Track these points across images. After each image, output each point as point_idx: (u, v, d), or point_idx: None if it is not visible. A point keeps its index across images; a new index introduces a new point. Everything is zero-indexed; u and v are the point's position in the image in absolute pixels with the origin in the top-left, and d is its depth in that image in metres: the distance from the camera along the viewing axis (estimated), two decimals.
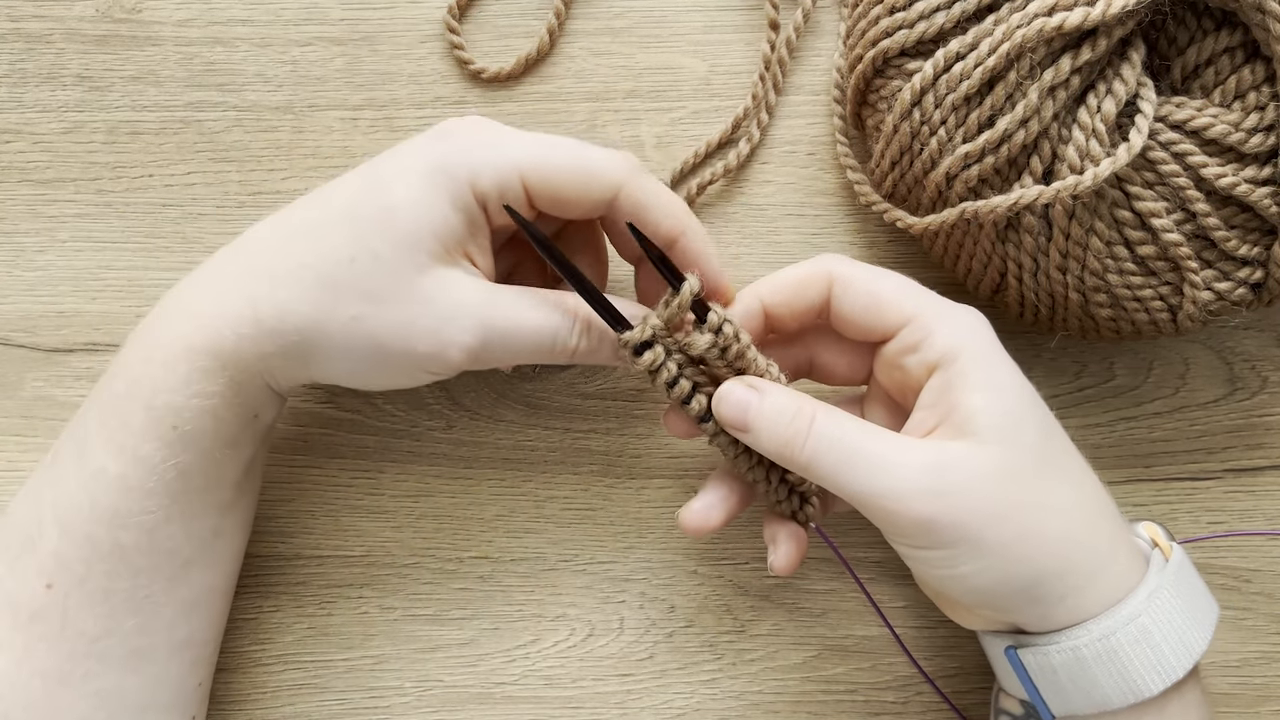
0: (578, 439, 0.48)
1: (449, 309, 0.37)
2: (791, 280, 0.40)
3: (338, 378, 0.39)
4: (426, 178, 0.37)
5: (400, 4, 0.50)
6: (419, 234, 0.37)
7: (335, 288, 0.37)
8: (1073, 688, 0.37)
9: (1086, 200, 0.40)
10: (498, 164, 0.38)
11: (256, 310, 0.37)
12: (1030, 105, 0.40)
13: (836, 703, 0.47)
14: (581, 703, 0.47)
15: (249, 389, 0.38)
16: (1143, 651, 0.36)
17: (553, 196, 0.38)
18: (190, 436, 0.38)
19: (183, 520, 0.39)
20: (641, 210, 0.39)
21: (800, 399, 0.37)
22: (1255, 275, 0.42)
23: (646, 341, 0.38)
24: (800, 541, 0.41)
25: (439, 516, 0.47)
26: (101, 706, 0.38)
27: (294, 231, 0.39)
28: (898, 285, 0.39)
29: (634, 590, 0.47)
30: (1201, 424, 0.48)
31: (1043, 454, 0.37)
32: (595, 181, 0.38)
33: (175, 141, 0.49)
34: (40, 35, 0.49)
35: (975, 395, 0.36)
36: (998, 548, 0.35)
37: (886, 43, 0.43)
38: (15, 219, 0.49)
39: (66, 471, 0.38)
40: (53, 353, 0.48)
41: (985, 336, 0.38)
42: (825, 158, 0.50)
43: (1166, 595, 0.36)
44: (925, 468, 0.35)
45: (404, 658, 0.47)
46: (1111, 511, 0.38)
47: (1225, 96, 0.41)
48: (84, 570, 0.38)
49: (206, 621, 0.42)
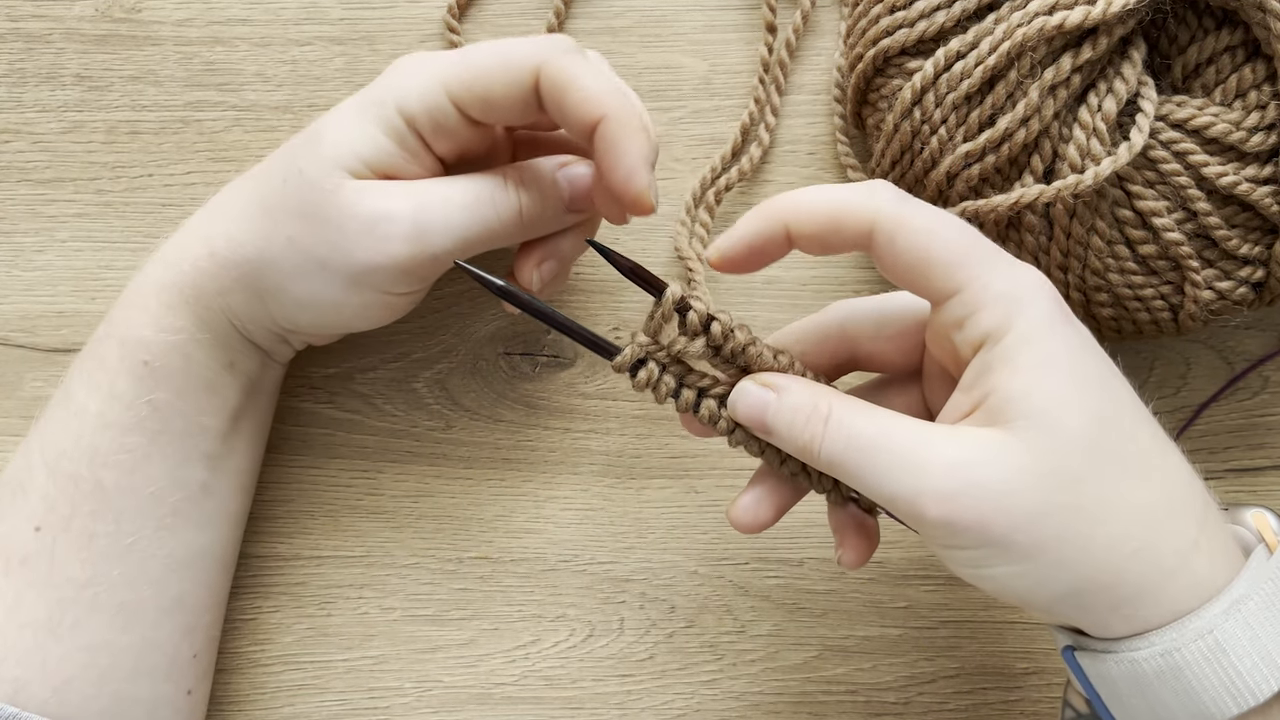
0: (578, 439, 0.48)
1: (377, 211, 0.37)
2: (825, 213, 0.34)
3: (299, 315, 0.40)
4: (355, 108, 0.38)
5: (400, 3, 0.50)
6: (340, 152, 0.38)
7: (272, 212, 0.38)
8: (1135, 700, 0.33)
9: (1088, 199, 0.40)
10: (421, 85, 0.38)
11: (211, 245, 0.39)
12: (1031, 104, 0.40)
13: (837, 703, 0.47)
14: (581, 703, 0.46)
15: (216, 329, 0.40)
16: (1214, 670, 0.31)
17: (478, 99, 0.37)
18: (161, 373, 0.39)
19: (164, 463, 0.39)
20: (559, 92, 0.36)
21: (817, 393, 0.34)
22: (1256, 274, 0.42)
23: (640, 360, 0.37)
24: (868, 532, 0.37)
25: (439, 516, 0.47)
26: (92, 664, 0.38)
27: (247, 176, 0.41)
28: (953, 242, 0.33)
29: (634, 590, 0.47)
30: (1203, 424, 0.48)
31: (1096, 446, 0.32)
32: (512, 69, 0.37)
33: (175, 141, 0.49)
34: (39, 35, 0.49)
35: (1016, 378, 0.32)
36: (1029, 552, 0.31)
37: (887, 41, 0.43)
38: (14, 219, 0.49)
39: (53, 416, 0.40)
40: (52, 353, 0.48)
41: (1042, 308, 0.32)
42: (826, 157, 0.50)
43: (1254, 606, 0.32)
44: (946, 464, 0.32)
45: (404, 658, 0.46)
46: (1192, 508, 0.33)
47: (1226, 95, 0.41)
48: (69, 511, 0.38)
49: (200, 587, 0.42)
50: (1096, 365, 0.33)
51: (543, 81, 0.37)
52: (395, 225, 0.37)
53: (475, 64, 0.38)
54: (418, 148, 0.39)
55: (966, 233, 0.33)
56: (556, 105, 0.37)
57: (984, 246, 0.33)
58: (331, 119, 0.39)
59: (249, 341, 0.41)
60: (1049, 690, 0.46)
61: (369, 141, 0.38)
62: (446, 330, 0.48)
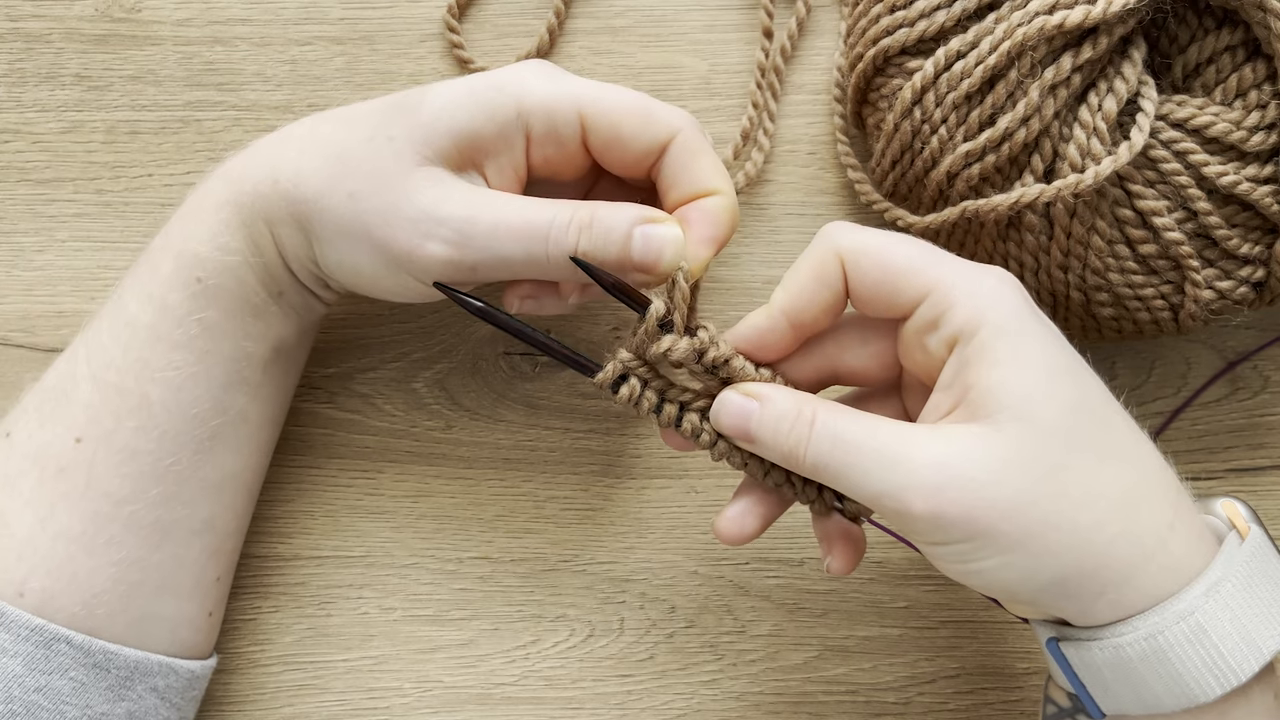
0: (578, 439, 0.48)
1: (431, 204, 0.37)
2: (805, 276, 0.36)
3: (338, 269, 0.40)
4: (472, 87, 0.38)
5: (400, 3, 0.50)
6: (435, 128, 0.37)
7: (346, 162, 0.38)
8: (1120, 686, 0.34)
9: (1088, 199, 0.40)
10: (551, 90, 0.38)
11: (277, 172, 0.39)
12: (1031, 103, 0.40)
13: (837, 703, 0.47)
14: (581, 703, 0.46)
15: (267, 255, 0.40)
16: (1197, 652, 0.32)
17: (611, 130, 0.38)
18: (213, 292, 0.39)
19: (209, 385, 0.40)
20: (695, 155, 0.39)
21: (800, 399, 0.35)
22: (1257, 274, 0.42)
23: (622, 376, 0.37)
24: (854, 538, 0.38)
25: (439, 516, 0.47)
26: (121, 579, 0.39)
27: (332, 116, 0.41)
28: (911, 253, 0.35)
29: (634, 590, 0.47)
30: (1203, 424, 0.48)
31: (1073, 434, 0.33)
32: (655, 121, 0.39)
33: (174, 141, 0.49)
34: (39, 35, 0.49)
35: (992, 371, 0.33)
36: (1015, 542, 0.32)
37: (887, 41, 0.43)
38: (14, 219, 0.49)
39: (102, 325, 0.40)
40: (51, 353, 0.48)
41: (1012, 303, 0.34)
42: (826, 157, 0.50)
43: (1231, 588, 0.32)
44: (930, 459, 0.32)
45: (404, 658, 0.46)
46: (1167, 493, 0.34)
47: (1226, 95, 0.41)
48: (112, 424, 0.39)
49: (228, 510, 0.42)
50: (1066, 357, 0.34)
51: (680, 142, 0.39)
52: (440, 228, 0.37)
53: (618, 100, 0.39)
54: (516, 145, 0.39)
55: (922, 244, 0.35)
56: (680, 164, 0.39)
57: (943, 253, 0.35)
58: (440, 88, 0.38)
59: (295, 278, 0.41)
60: None
61: (468, 123, 0.38)
62: (446, 330, 0.48)
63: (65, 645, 0.37)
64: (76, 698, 0.38)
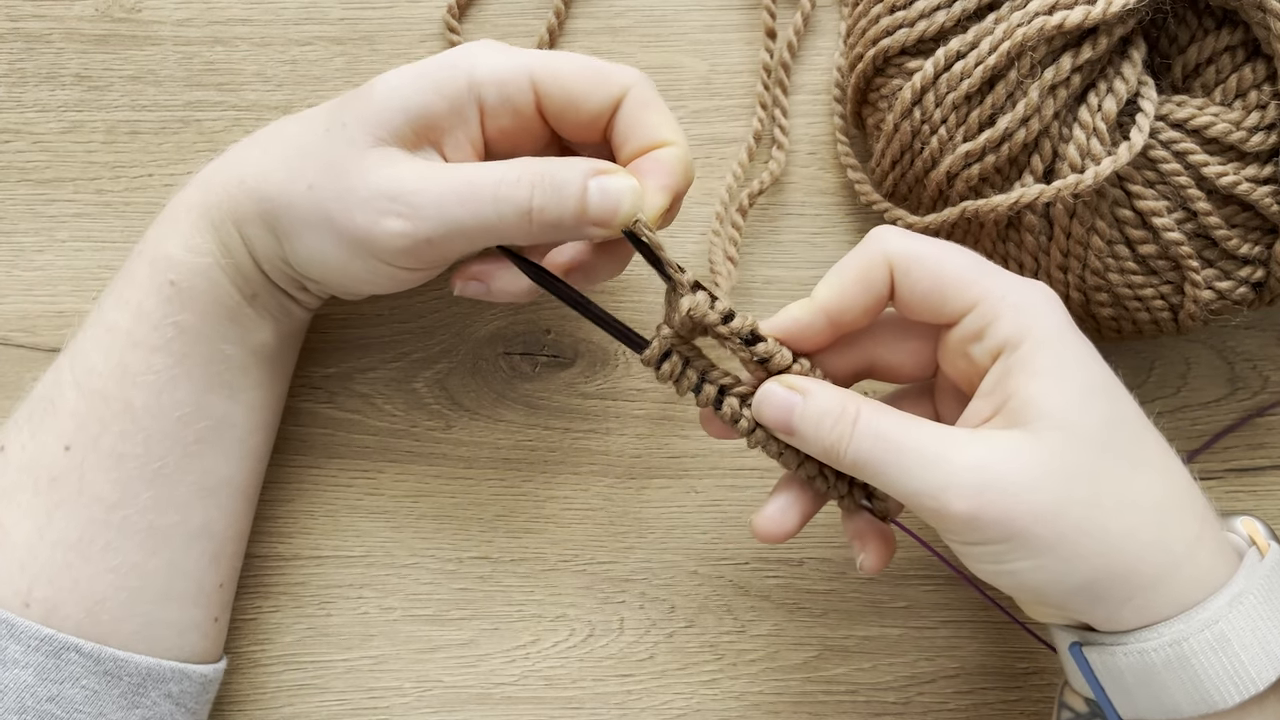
0: (578, 439, 0.48)
1: (384, 182, 0.37)
2: (850, 278, 0.36)
3: (308, 265, 0.39)
4: (422, 67, 0.38)
5: (400, 3, 0.50)
6: (387, 108, 0.38)
7: (306, 155, 0.39)
8: (1141, 692, 0.34)
9: (1088, 199, 0.40)
10: (500, 63, 0.38)
11: (243, 172, 0.40)
12: (1031, 104, 0.40)
13: (837, 703, 0.47)
14: (581, 703, 0.46)
15: (238, 256, 0.40)
16: (1219, 660, 0.33)
17: (563, 92, 0.38)
18: (187, 294, 0.39)
19: (190, 388, 0.40)
20: (645, 108, 0.39)
21: (844, 396, 0.36)
22: (1256, 274, 0.42)
23: (665, 352, 0.38)
24: (885, 536, 0.39)
25: (439, 516, 0.47)
26: (121, 586, 0.39)
27: (298, 115, 0.41)
28: (962, 264, 0.36)
29: (634, 590, 0.47)
30: (1203, 424, 0.48)
31: (1108, 445, 0.34)
32: (606, 79, 0.39)
33: (174, 141, 0.49)
34: (39, 35, 0.49)
35: (1034, 382, 0.34)
36: (1049, 545, 0.33)
37: (887, 41, 0.43)
38: (14, 219, 0.49)
39: (85, 333, 0.41)
40: (51, 353, 0.47)
41: (1055, 318, 0.35)
42: (826, 157, 0.50)
43: (1253, 600, 0.34)
44: (970, 461, 0.33)
45: (404, 658, 0.46)
46: (1194, 507, 0.35)
47: (1226, 95, 0.41)
48: (98, 429, 0.39)
49: (225, 514, 0.42)
50: (1102, 372, 0.36)
51: (633, 97, 0.39)
52: (394, 204, 0.37)
53: (568, 63, 0.39)
54: (470, 119, 0.39)
55: (973, 255, 0.36)
56: (633, 119, 0.39)
57: (992, 265, 0.36)
58: (391, 73, 0.39)
59: (268, 279, 0.41)
60: (1049, 690, 0.46)
61: (419, 101, 0.38)
62: (446, 330, 0.48)
63: (75, 654, 0.37)
64: (90, 706, 0.38)
